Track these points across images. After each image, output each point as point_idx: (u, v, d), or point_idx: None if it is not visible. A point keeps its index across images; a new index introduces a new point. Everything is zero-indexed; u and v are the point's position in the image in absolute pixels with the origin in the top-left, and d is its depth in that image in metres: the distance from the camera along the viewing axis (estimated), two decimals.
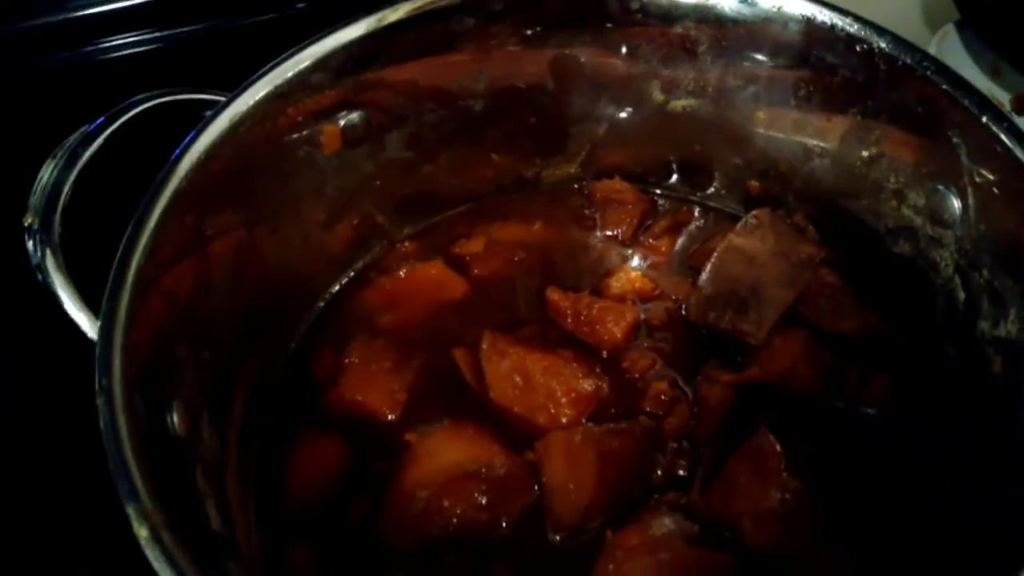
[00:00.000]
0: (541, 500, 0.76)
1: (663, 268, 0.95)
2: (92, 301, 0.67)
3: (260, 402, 0.82)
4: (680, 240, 0.97)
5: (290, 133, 0.80)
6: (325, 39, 0.77)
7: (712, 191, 1.00)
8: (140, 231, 0.66)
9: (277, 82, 0.75)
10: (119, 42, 1.24)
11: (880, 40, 0.76)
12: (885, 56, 0.76)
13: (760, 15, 0.81)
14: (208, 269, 0.75)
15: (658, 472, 0.78)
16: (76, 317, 0.68)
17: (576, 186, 1.01)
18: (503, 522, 0.76)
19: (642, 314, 0.89)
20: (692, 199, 1.01)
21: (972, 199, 0.74)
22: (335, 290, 0.93)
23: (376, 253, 0.96)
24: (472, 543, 0.74)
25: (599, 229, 0.98)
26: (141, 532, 0.54)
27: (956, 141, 0.74)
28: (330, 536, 0.77)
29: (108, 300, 0.63)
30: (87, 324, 0.68)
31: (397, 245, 0.97)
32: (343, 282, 0.94)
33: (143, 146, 0.73)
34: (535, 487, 0.77)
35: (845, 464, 0.76)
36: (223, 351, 0.76)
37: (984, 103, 0.71)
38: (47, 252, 0.69)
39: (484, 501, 0.75)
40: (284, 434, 0.82)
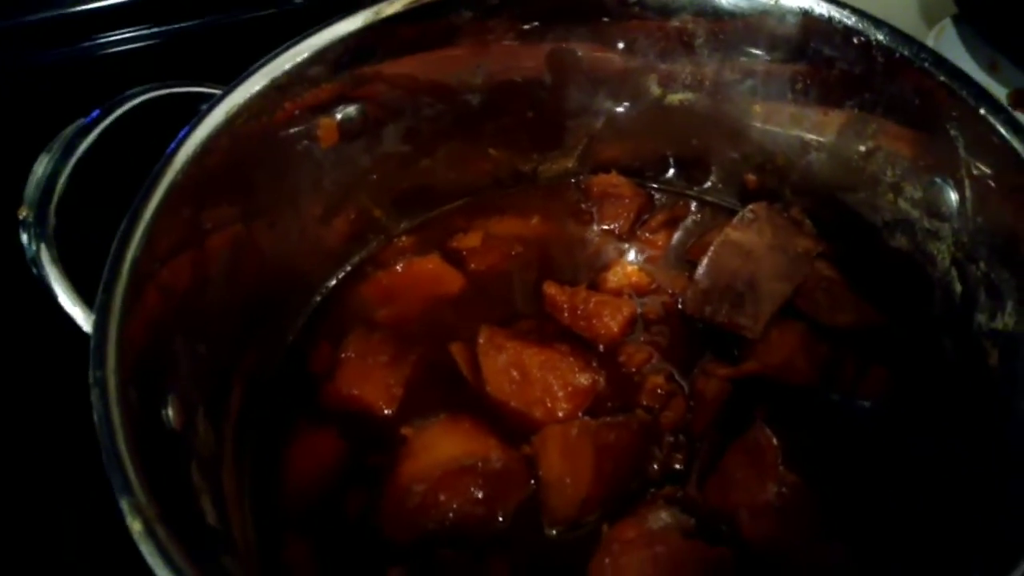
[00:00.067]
0: (537, 494, 0.76)
1: (660, 262, 0.94)
2: (87, 295, 0.66)
3: (256, 396, 0.82)
4: (677, 234, 0.97)
5: (287, 126, 0.80)
6: (322, 32, 0.77)
7: (709, 185, 1.00)
8: (136, 224, 0.66)
9: (274, 75, 0.75)
10: (116, 37, 1.24)
11: (877, 32, 0.76)
12: (882, 48, 0.76)
13: (757, 8, 0.81)
14: (204, 262, 0.74)
15: (654, 466, 0.78)
16: (71, 310, 0.68)
17: (573, 180, 1.01)
18: (499, 516, 0.75)
19: (639, 308, 0.89)
20: (689, 193, 1.01)
21: (969, 191, 0.74)
22: (332, 284, 0.93)
23: (373, 247, 0.96)
24: (468, 537, 0.74)
25: (596, 223, 0.98)
26: (135, 526, 0.54)
27: (954, 133, 0.73)
28: (327, 530, 0.77)
29: (103, 292, 0.62)
30: (82, 317, 0.68)
31: (394, 239, 0.97)
32: (340, 276, 0.94)
33: (139, 140, 0.72)
34: (531, 481, 0.77)
35: (842, 457, 0.76)
36: (219, 345, 0.76)
37: (982, 94, 0.70)
38: (42, 245, 0.69)
39: (480, 495, 0.75)
40: (280, 428, 0.82)
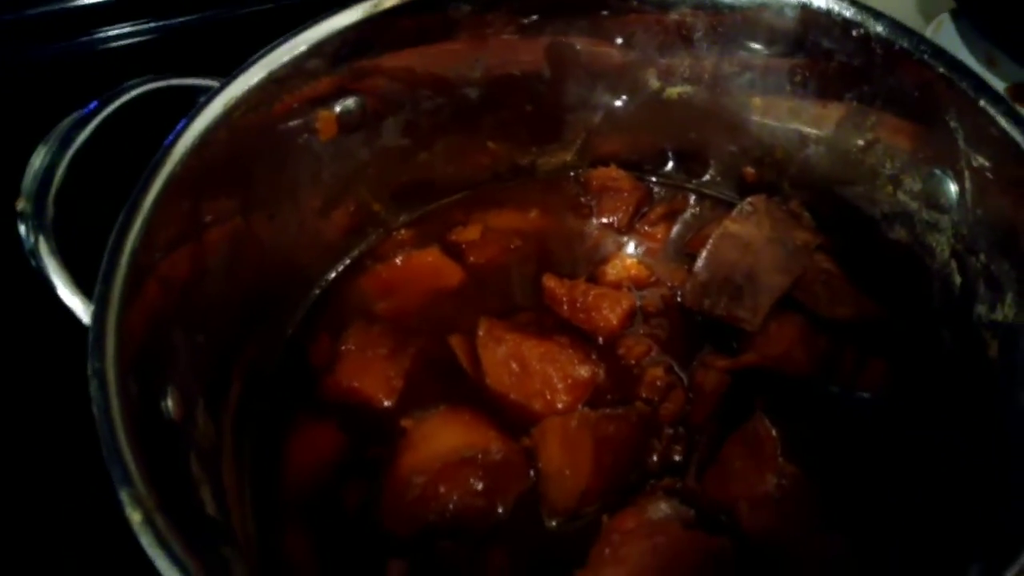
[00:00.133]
0: (537, 486, 0.76)
1: (659, 255, 0.95)
2: (86, 286, 0.66)
3: (256, 388, 0.82)
4: (676, 227, 0.97)
5: (286, 119, 0.79)
6: (320, 24, 0.77)
7: (708, 178, 1.00)
8: (134, 215, 0.66)
9: (272, 67, 0.75)
10: (115, 32, 1.24)
11: (876, 24, 0.76)
12: (881, 40, 0.76)
13: (756, 0, 0.81)
14: (203, 254, 0.74)
15: (654, 457, 0.78)
16: (69, 302, 0.68)
17: (572, 174, 1.01)
18: (499, 508, 0.75)
19: (638, 301, 0.89)
20: (688, 187, 1.01)
21: (969, 183, 0.74)
22: (331, 277, 0.93)
23: (372, 240, 0.96)
24: (468, 529, 0.74)
25: (595, 217, 0.98)
26: (134, 516, 0.54)
27: (953, 125, 0.73)
28: (326, 522, 0.77)
29: (101, 283, 0.62)
30: (81, 309, 0.67)
31: (393, 232, 0.97)
32: (339, 269, 0.94)
33: (138, 132, 0.72)
34: (531, 473, 0.77)
35: (841, 449, 0.76)
36: (219, 337, 0.76)
37: (981, 86, 0.70)
38: (40, 237, 0.69)
39: (480, 487, 0.75)
40: (280, 420, 0.82)
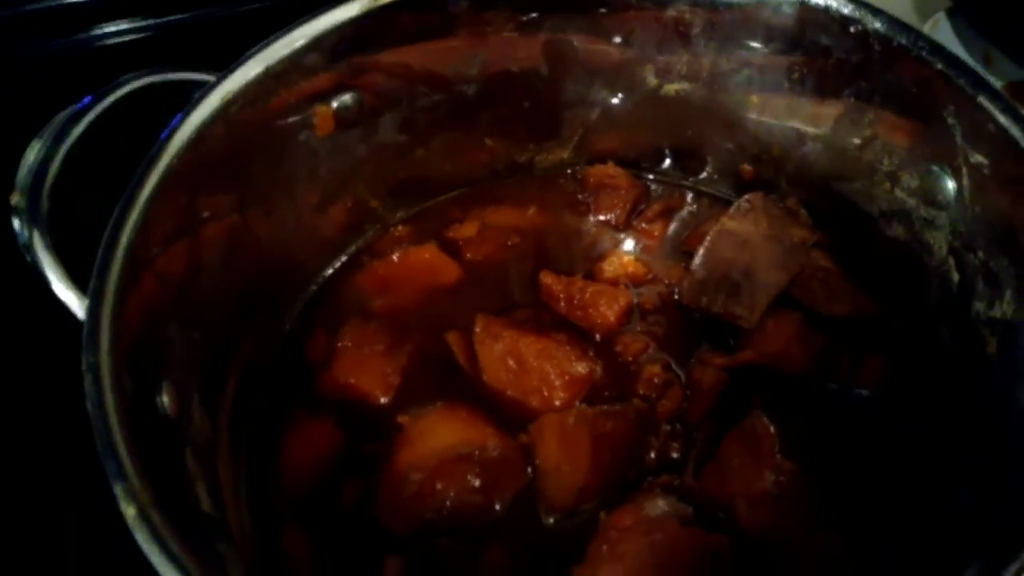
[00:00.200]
0: (535, 482, 0.76)
1: (656, 252, 0.95)
2: (81, 281, 0.66)
3: (252, 384, 0.81)
4: (673, 225, 0.97)
5: (283, 114, 0.79)
6: (318, 19, 0.77)
7: (705, 176, 1.00)
8: (129, 209, 0.65)
9: (269, 62, 0.75)
10: (113, 29, 1.23)
11: (874, 21, 0.76)
12: (879, 37, 0.76)
13: None
14: (199, 250, 0.74)
15: (651, 455, 0.78)
16: (64, 297, 0.67)
17: (569, 171, 1.01)
18: (496, 505, 0.75)
19: (635, 298, 0.89)
20: (685, 184, 1.01)
21: (967, 179, 0.74)
22: (328, 273, 0.93)
23: (369, 237, 0.95)
24: (466, 526, 0.74)
25: (592, 214, 0.98)
26: (129, 511, 0.54)
27: (951, 121, 0.73)
28: (323, 519, 0.76)
29: (96, 278, 0.62)
30: (75, 304, 0.67)
31: (390, 229, 0.96)
32: (336, 265, 0.93)
33: (134, 127, 0.71)
34: (528, 470, 0.77)
35: (839, 446, 0.76)
36: (215, 332, 0.76)
37: (979, 82, 0.70)
38: (34, 231, 0.68)
39: (477, 484, 0.75)
40: (277, 417, 0.82)
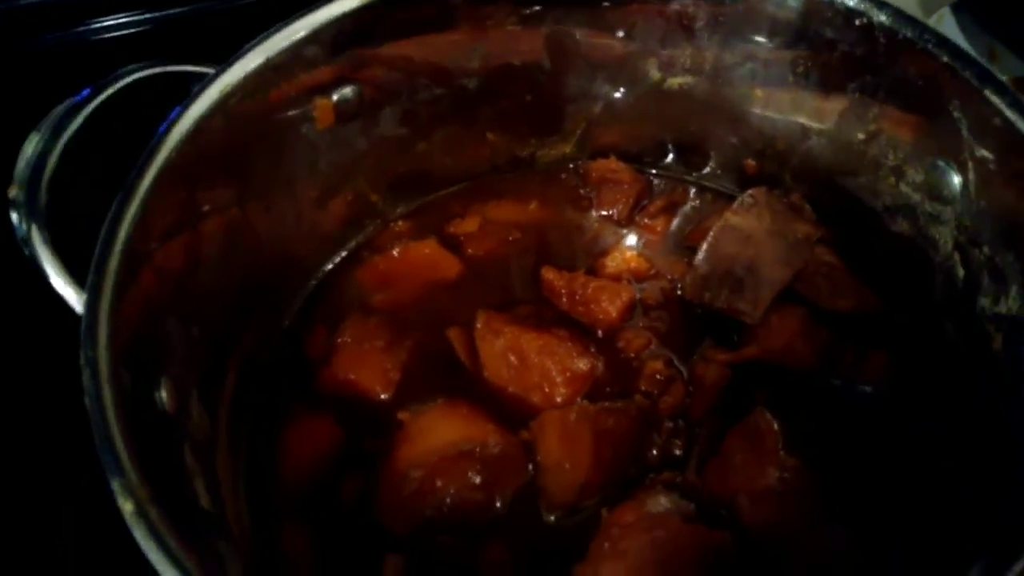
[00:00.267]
0: (536, 479, 0.76)
1: (659, 248, 0.94)
2: (79, 275, 0.65)
3: (252, 380, 0.81)
4: (676, 220, 0.96)
5: (283, 107, 0.79)
6: (319, 11, 0.76)
7: (708, 171, 0.99)
8: (128, 203, 0.65)
9: (269, 54, 0.74)
10: (111, 22, 1.23)
11: (880, 14, 0.75)
12: (885, 30, 0.75)
13: None
14: (198, 244, 0.73)
15: (653, 451, 0.78)
16: (63, 291, 0.67)
17: (571, 166, 1.00)
18: (497, 502, 0.75)
19: (637, 294, 0.88)
20: (688, 179, 1.00)
21: (972, 174, 0.74)
22: (328, 268, 0.92)
23: (369, 232, 0.95)
24: (466, 523, 0.74)
25: (594, 209, 0.97)
26: (126, 507, 0.53)
27: (957, 115, 0.73)
28: (323, 516, 0.76)
29: (94, 272, 0.61)
30: (74, 298, 0.67)
31: (391, 224, 0.96)
32: (336, 261, 0.93)
33: (133, 120, 0.71)
34: (529, 466, 0.76)
35: (843, 442, 0.76)
36: (214, 328, 0.75)
37: (986, 75, 0.70)
38: (33, 225, 0.68)
39: (478, 480, 0.74)
40: (276, 413, 0.81)
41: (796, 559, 0.70)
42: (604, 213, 0.96)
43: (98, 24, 1.22)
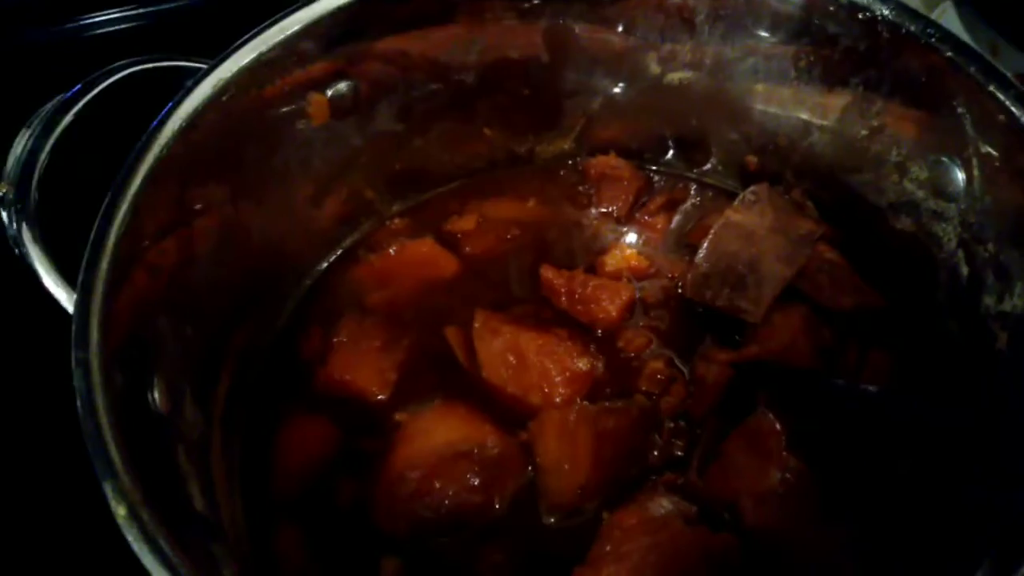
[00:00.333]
0: (535, 481, 0.75)
1: (659, 246, 0.93)
2: (70, 275, 0.65)
3: (246, 380, 0.80)
4: (676, 218, 0.95)
5: (276, 102, 0.78)
6: (313, 5, 0.75)
7: (709, 167, 0.98)
8: (119, 201, 0.64)
9: (263, 48, 0.73)
10: (103, 18, 1.22)
11: (883, 8, 0.75)
12: (888, 24, 0.75)
13: None
14: (191, 243, 0.73)
15: (655, 452, 0.77)
16: (54, 291, 0.67)
17: (570, 162, 0.99)
18: (496, 503, 0.74)
19: (637, 292, 0.87)
20: (689, 176, 0.99)
21: (977, 171, 0.73)
22: (323, 267, 0.92)
23: (365, 230, 0.94)
24: (464, 525, 0.73)
25: (594, 206, 0.96)
26: (119, 510, 0.53)
27: (961, 111, 0.72)
28: (319, 519, 0.75)
29: (85, 271, 0.61)
30: (65, 298, 0.67)
31: (387, 222, 0.95)
32: (331, 259, 0.92)
33: (124, 117, 0.70)
34: (529, 468, 0.76)
35: (846, 443, 0.75)
36: (207, 327, 0.75)
37: (991, 70, 0.69)
38: (23, 224, 0.68)
39: (476, 482, 0.73)
40: (271, 414, 0.81)
41: (800, 561, 0.70)
42: (604, 210, 0.95)
43: (89, 20, 1.21)
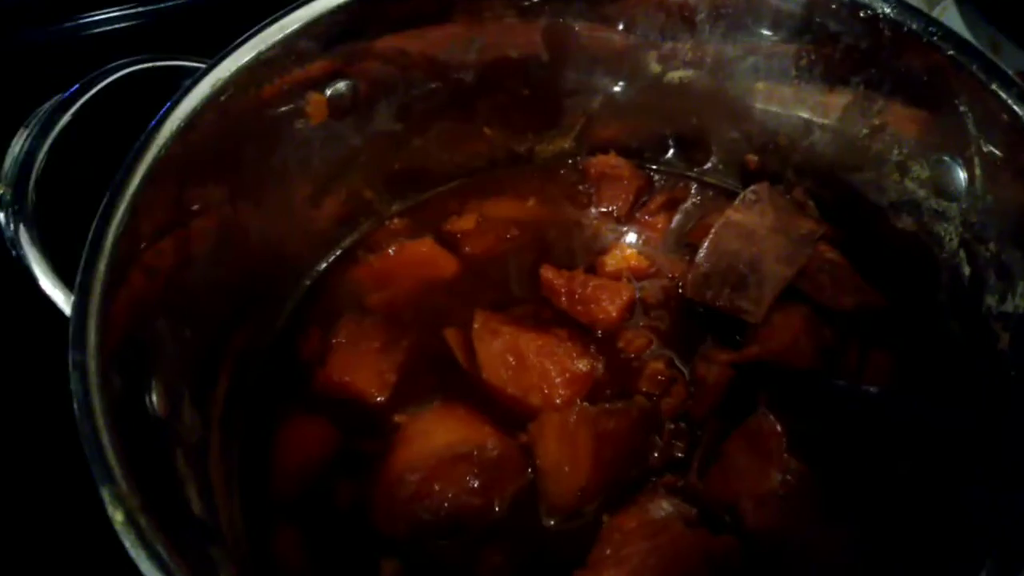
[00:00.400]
0: (535, 483, 0.75)
1: (659, 245, 0.93)
2: (68, 276, 0.64)
3: (244, 382, 0.80)
4: (676, 217, 0.95)
5: (275, 102, 0.77)
6: (312, 3, 0.75)
7: (709, 166, 0.98)
8: (117, 201, 0.64)
9: (261, 48, 0.73)
10: (99, 17, 1.22)
11: (885, 6, 0.74)
12: (890, 22, 0.74)
13: None
14: (189, 243, 0.72)
15: (655, 454, 0.77)
16: (51, 293, 0.66)
17: (570, 161, 0.99)
18: (496, 506, 0.74)
19: (638, 292, 0.87)
20: (689, 175, 0.99)
21: (979, 170, 0.73)
22: (322, 268, 0.91)
23: (364, 230, 0.94)
24: (464, 528, 0.73)
25: (594, 206, 0.96)
26: (116, 516, 0.53)
27: (963, 110, 0.72)
28: (318, 521, 0.75)
29: (83, 272, 0.60)
30: (62, 300, 0.66)
31: (386, 222, 0.95)
32: (330, 260, 0.92)
33: (123, 117, 0.70)
34: (529, 470, 0.75)
35: (848, 444, 0.74)
36: (205, 329, 0.74)
37: (993, 68, 0.69)
38: (20, 225, 0.67)
39: (476, 484, 0.73)
40: (270, 416, 0.80)
41: (801, 565, 0.69)
42: (604, 210, 0.95)
43: (87, 19, 1.20)
